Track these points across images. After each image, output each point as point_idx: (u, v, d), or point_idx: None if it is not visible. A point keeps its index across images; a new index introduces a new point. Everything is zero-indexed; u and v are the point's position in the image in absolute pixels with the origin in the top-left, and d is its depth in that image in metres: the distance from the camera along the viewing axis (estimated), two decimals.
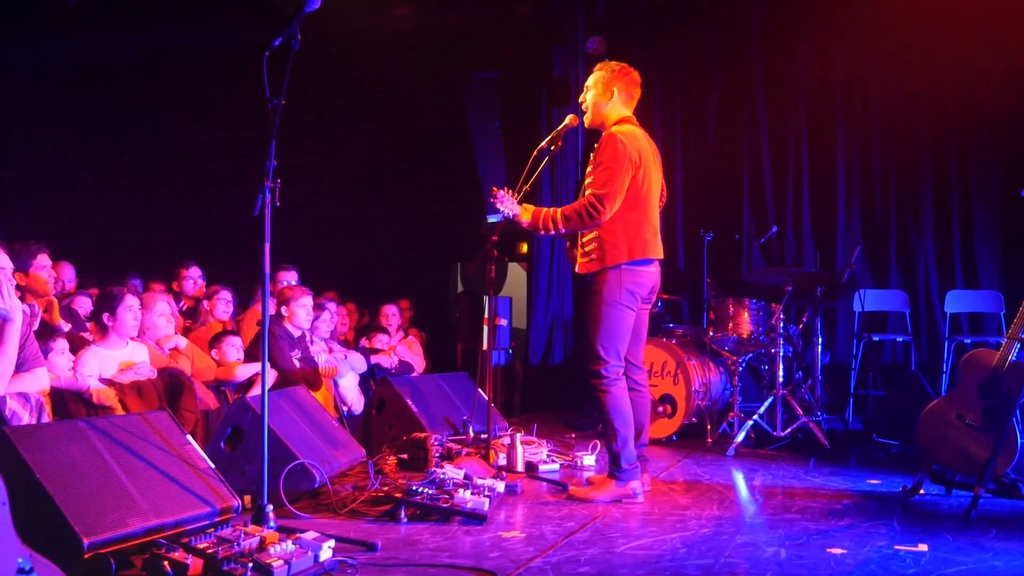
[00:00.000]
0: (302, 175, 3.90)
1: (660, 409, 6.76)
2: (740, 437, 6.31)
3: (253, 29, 7.82)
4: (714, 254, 7.93)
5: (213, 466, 3.90)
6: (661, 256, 4.75)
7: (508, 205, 4.74)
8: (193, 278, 7.40)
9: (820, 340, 7.03)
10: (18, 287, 4.97)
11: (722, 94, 8.95)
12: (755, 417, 6.45)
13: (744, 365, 6.99)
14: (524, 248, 9.94)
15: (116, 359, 5.20)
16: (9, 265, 4.39)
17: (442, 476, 4.39)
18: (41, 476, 3.07)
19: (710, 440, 6.64)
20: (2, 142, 11.11)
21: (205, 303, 6.95)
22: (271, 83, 3.65)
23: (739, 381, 6.79)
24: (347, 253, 10.84)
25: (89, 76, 11.05)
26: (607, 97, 4.78)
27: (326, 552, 3.23)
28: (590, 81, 4.85)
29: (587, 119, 4.87)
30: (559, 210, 4.71)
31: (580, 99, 4.91)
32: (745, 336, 6.67)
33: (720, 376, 7.19)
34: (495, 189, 4.76)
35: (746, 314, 6.67)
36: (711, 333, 6.83)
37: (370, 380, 7.32)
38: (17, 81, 11.08)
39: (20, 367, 4.19)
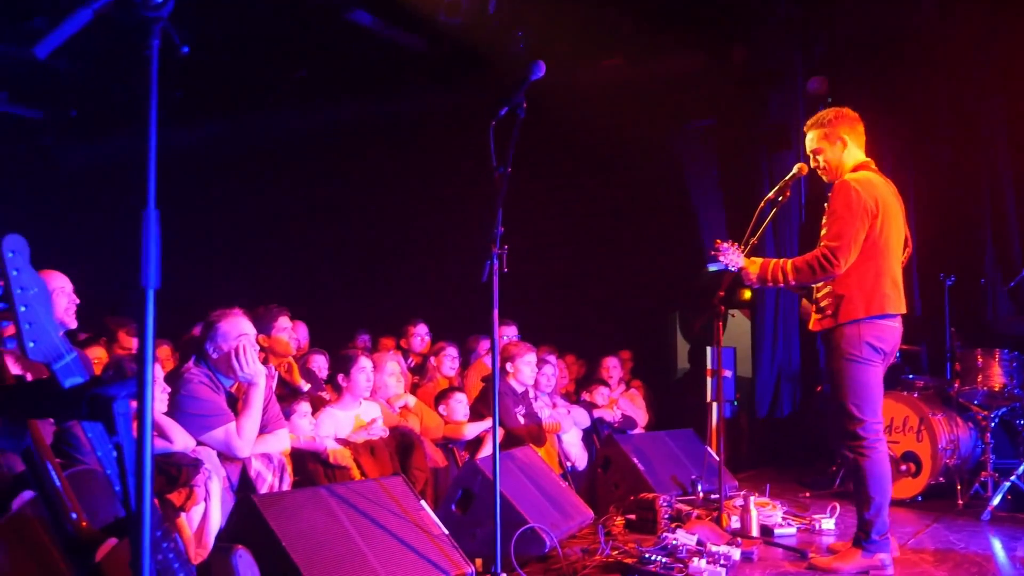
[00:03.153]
0: (517, 229, 3.92)
1: (903, 468, 6.31)
2: (996, 500, 5.80)
3: (480, 95, 8.00)
4: (955, 300, 7.39)
5: (446, 531, 3.93)
6: (903, 311, 4.42)
7: (733, 259, 4.57)
8: (420, 335, 7.62)
9: None
10: (261, 349, 5.23)
11: (956, 129, 8.37)
12: (1013, 478, 5.91)
13: (996, 420, 6.43)
14: (747, 294, 9.65)
15: (351, 419, 5.37)
16: (252, 331, 4.61)
17: (674, 542, 4.26)
18: (287, 545, 3.17)
19: (961, 502, 6.13)
20: (246, 209, 11.86)
21: (432, 359, 7.11)
22: (497, 150, 3.69)
23: (991, 438, 6.24)
24: (565, 305, 10.83)
25: (321, 143, 11.63)
26: (840, 148, 4.51)
27: None
28: (812, 144, 4.57)
29: (826, 178, 4.61)
30: (789, 262, 4.48)
31: (813, 164, 4.64)
32: (997, 389, 6.17)
33: (970, 432, 6.65)
34: (718, 242, 4.61)
35: (997, 365, 6.17)
36: (957, 386, 6.36)
37: (593, 435, 7.26)
38: (255, 151, 11.80)
39: (263, 428, 4.41)
